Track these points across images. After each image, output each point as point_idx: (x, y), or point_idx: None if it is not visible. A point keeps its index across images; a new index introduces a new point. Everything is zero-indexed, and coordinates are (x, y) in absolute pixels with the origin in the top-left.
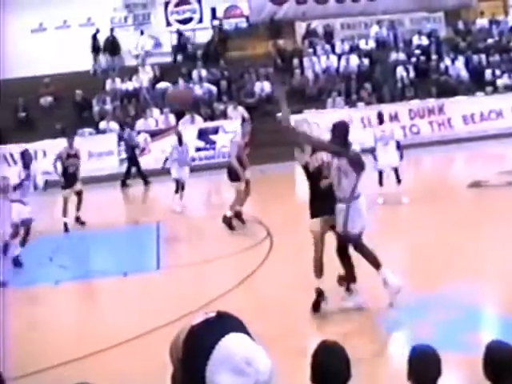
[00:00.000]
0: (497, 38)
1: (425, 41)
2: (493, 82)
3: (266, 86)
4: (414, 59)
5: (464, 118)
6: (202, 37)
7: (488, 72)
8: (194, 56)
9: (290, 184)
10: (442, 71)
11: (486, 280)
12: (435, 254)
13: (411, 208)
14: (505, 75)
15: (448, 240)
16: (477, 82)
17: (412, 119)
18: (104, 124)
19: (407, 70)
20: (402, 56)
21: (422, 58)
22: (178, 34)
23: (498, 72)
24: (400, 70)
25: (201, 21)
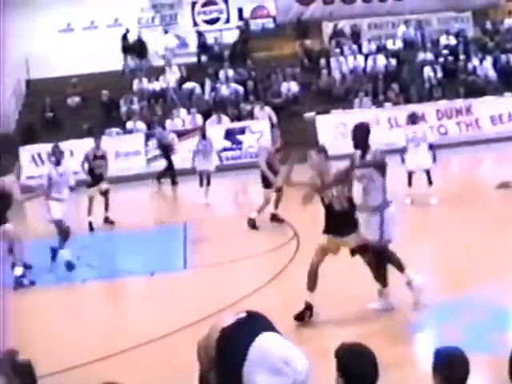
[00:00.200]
0: None
1: (452, 41)
2: None
3: (293, 87)
4: (441, 59)
5: (492, 119)
6: (228, 37)
7: None
8: (221, 56)
9: None
10: (470, 71)
11: None
12: (462, 255)
13: (439, 209)
14: None
15: (476, 241)
16: (505, 82)
17: (439, 120)
18: (131, 124)
19: (435, 70)
20: (429, 56)
21: (450, 58)
22: (198, 34)
23: None
24: (427, 70)
25: (228, 21)
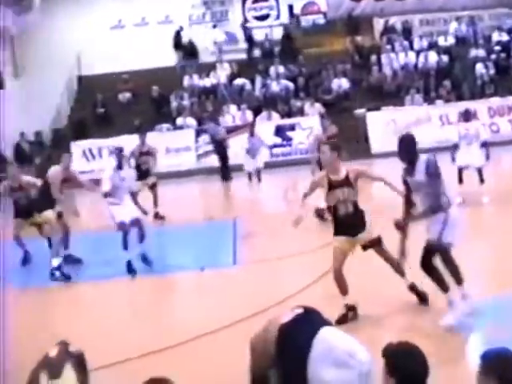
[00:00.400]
0: None
1: (505, 37)
2: None
3: (344, 83)
4: (493, 56)
5: None
6: (279, 33)
7: None
8: (271, 52)
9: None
10: None
11: None
12: None
13: (491, 208)
14: None
15: None
16: None
17: (492, 117)
18: (181, 120)
19: (487, 67)
20: (481, 52)
21: (502, 54)
22: (244, 30)
23: None
24: (479, 67)
25: (278, 17)
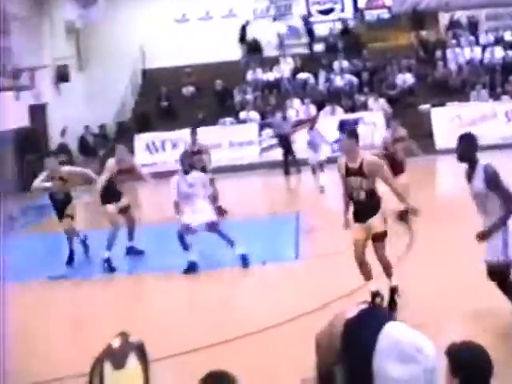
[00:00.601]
0: None
1: None
2: None
3: (408, 78)
4: None
5: None
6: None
7: None
8: (335, 47)
9: (430, 177)
10: None
11: None
12: None
13: None
14: None
15: None
16: None
17: None
18: (244, 114)
19: None
20: None
21: None
22: (304, 23)
23: None
24: None
25: (342, 11)
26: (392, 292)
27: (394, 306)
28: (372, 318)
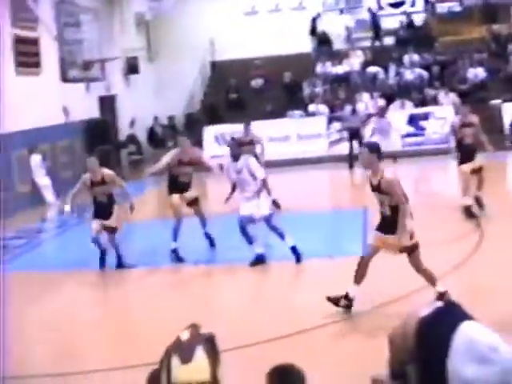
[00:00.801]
0: None
1: None
2: None
3: (480, 73)
4: None
5: None
6: (414, 21)
7: None
8: (406, 40)
9: (502, 173)
10: None
11: None
12: None
13: None
14: None
15: None
16: None
17: None
18: (313, 107)
19: None
20: None
21: None
22: (371, 16)
23: None
24: None
25: (413, 4)
26: (439, 299)
27: None
28: (447, 317)
